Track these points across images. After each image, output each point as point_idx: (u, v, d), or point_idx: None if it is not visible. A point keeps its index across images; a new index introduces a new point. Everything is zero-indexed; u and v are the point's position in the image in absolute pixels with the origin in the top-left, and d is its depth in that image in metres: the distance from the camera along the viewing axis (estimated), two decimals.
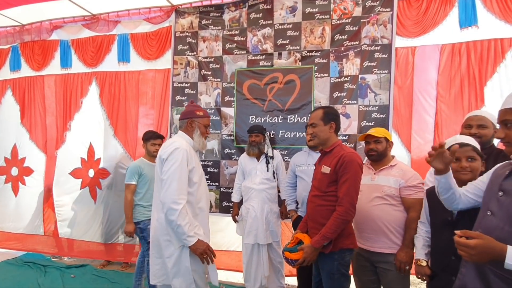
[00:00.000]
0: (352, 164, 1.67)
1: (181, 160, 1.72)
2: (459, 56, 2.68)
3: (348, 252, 1.78)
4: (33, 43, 3.85)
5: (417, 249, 1.67)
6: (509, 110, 1.07)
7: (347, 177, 1.66)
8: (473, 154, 1.43)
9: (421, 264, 1.59)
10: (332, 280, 1.76)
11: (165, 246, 1.75)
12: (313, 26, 3.01)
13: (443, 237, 1.48)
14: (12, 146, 3.95)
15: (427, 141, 2.79)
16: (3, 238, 3.99)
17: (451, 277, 1.41)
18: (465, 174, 1.43)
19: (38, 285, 2.96)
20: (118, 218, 3.49)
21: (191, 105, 2.00)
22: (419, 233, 1.69)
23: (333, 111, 1.88)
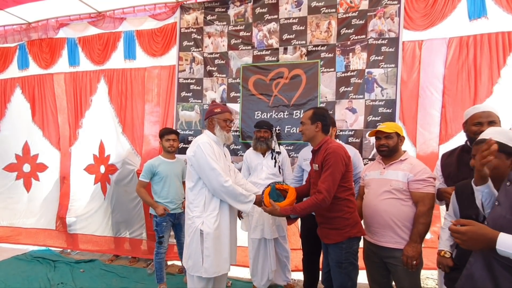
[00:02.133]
0: (333, 155, 1.77)
1: (206, 152, 1.89)
2: (467, 49, 2.65)
3: (356, 241, 1.87)
4: (40, 41, 3.88)
5: (441, 240, 1.66)
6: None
7: (328, 167, 1.77)
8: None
9: (445, 256, 1.58)
10: (340, 268, 1.83)
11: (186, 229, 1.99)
12: (319, 20, 2.99)
13: None
14: (23, 143, 4.00)
15: (433, 136, 2.77)
16: (14, 233, 4.07)
17: None
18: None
19: (48, 280, 3.01)
20: (124, 213, 3.54)
21: (211, 105, 2.16)
22: (446, 224, 1.68)
23: (322, 112, 1.98)
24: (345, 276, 1.83)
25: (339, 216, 1.83)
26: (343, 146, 1.93)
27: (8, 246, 4.00)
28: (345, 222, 1.82)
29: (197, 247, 1.86)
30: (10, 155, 4.05)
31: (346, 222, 1.82)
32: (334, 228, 1.85)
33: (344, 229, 1.81)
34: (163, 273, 2.76)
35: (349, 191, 1.87)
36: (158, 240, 2.72)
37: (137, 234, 3.55)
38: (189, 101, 3.37)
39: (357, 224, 1.87)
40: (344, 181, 1.83)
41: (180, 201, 2.77)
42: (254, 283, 2.74)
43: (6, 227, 4.11)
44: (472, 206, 1.42)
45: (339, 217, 1.83)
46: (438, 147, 2.74)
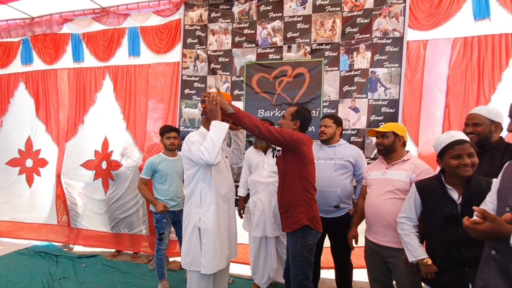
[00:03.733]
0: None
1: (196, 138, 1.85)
2: (471, 50, 2.65)
3: (312, 236, 1.92)
4: (44, 37, 3.88)
5: (414, 248, 1.61)
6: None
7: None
8: (472, 151, 1.47)
9: (427, 263, 1.56)
10: (294, 262, 1.92)
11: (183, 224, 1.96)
12: (323, 18, 2.99)
13: (449, 231, 1.48)
14: (26, 138, 4.02)
15: (436, 136, 2.74)
16: (16, 228, 4.09)
17: (464, 268, 1.45)
18: (467, 170, 1.46)
19: (50, 274, 3.03)
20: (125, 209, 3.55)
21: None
22: (408, 230, 1.66)
23: (305, 111, 2.08)
24: (298, 269, 1.91)
25: (297, 204, 1.91)
26: (308, 136, 2.01)
27: (10, 241, 4.02)
28: (301, 210, 1.89)
29: (196, 244, 1.86)
30: (13, 150, 4.06)
31: (302, 210, 1.89)
32: (290, 216, 1.93)
33: (299, 216, 1.89)
34: (164, 269, 2.77)
35: (310, 183, 1.95)
36: (158, 236, 2.73)
37: (138, 230, 3.57)
38: (193, 98, 3.37)
39: (315, 218, 1.94)
40: (306, 173, 1.92)
41: (180, 198, 2.78)
42: (255, 281, 2.75)
43: (8, 222, 4.13)
44: (447, 203, 1.49)
45: (298, 206, 1.91)
46: None
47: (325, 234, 2.42)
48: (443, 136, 1.56)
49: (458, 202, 1.47)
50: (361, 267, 2.61)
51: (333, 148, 2.38)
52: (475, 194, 1.40)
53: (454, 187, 1.50)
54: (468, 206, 1.40)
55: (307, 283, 1.91)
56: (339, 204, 2.31)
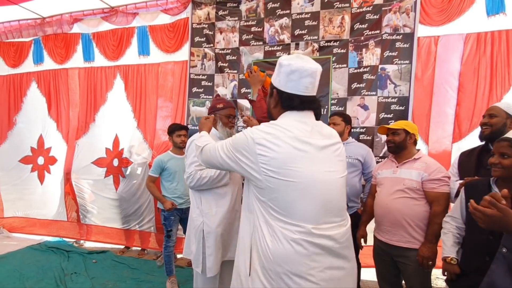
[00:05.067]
0: None
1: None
2: (484, 45, 2.58)
3: None
4: (55, 36, 3.94)
5: (446, 245, 1.57)
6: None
7: None
8: (506, 151, 1.33)
9: (451, 262, 1.51)
10: None
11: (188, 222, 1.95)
12: (332, 15, 2.95)
13: (479, 237, 1.40)
14: (38, 136, 4.10)
15: (447, 134, 2.71)
16: (29, 224, 4.19)
17: (482, 278, 1.35)
18: (495, 170, 1.37)
19: (62, 269, 3.09)
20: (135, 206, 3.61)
21: (214, 99, 2.10)
22: (448, 229, 1.60)
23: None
24: None
25: None
26: None
27: (23, 236, 4.13)
28: None
29: (199, 246, 1.85)
30: (26, 148, 4.15)
31: None
32: None
33: None
34: (172, 266, 2.80)
35: None
36: (166, 234, 2.76)
37: (147, 227, 3.61)
38: (200, 96, 3.39)
39: None
40: None
41: (187, 196, 2.79)
42: None
43: (22, 218, 4.23)
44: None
45: None
46: (451, 145, 2.69)
47: None
48: None
49: None
50: (369, 266, 2.59)
51: None
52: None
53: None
54: None
55: None
56: (347, 203, 2.28)
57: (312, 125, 1.16)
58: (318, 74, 1.17)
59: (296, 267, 1.02)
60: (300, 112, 1.16)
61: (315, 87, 1.18)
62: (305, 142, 1.10)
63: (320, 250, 1.05)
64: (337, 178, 1.15)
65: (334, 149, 1.18)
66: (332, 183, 1.12)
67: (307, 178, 1.07)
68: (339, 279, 1.07)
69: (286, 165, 1.06)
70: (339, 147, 1.22)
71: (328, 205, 1.10)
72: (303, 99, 1.15)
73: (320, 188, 1.08)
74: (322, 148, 1.13)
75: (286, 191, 1.06)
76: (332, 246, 1.07)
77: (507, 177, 1.35)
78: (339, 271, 1.08)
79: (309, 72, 1.13)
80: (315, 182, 1.08)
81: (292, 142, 1.08)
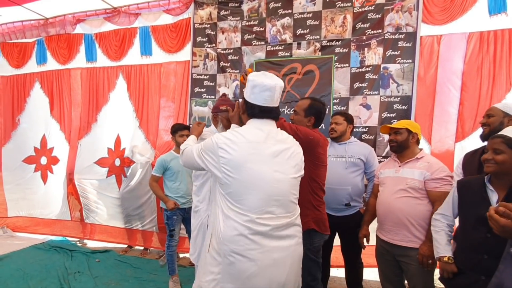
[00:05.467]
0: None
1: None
2: (487, 45, 2.57)
3: (318, 238, 1.85)
4: (58, 37, 3.97)
5: (440, 244, 1.57)
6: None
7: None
8: (499, 147, 1.36)
9: (449, 262, 1.50)
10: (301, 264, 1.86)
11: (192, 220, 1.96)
12: (334, 14, 2.95)
13: (476, 234, 1.40)
14: (41, 136, 4.13)
15: (450, 133, 2.71)
16: (32, 223, 4.22)
17: (480, 277, 1.37)
18: (488, 166, 1.38)
19: (65, 268, 3.11)
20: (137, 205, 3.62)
21: (219, 99, 2.10)
22: (440, 227, 1.61)
23: (319, 105, 1.95)
24: (305, 271, 1.84)
25: (304, 206, 1.79)
26: (324, 136, 1.94)
27: (26, 236, 4.16)
28: (307, 213, 1.81)
29: (201, 240, 1.85)
30: (29, 148, 4.18)
31: (309, 213, 1.81)
32: None
33: (304, 219, 1.78)
34: (174, 265, 2.81)
35: (319, 186, 1.87)
36: (169, 233, 2.77)
37: (150, 227, 3.63)
38: (202, 96, 3.39)
39: (322, 221, 1.86)
40: (316, 175, 1.83)
41: (190, 196, 2.80)
42: None
43: (25, 217, 4.27)
44: (482, 205, 1.38)
45: (303, 208, 1.79)
46: (454, 145, 2.68)
47: (335, 232, 2.41)
48: None
49: (495, 205, 1.37)
50: (371, 266, 2.59)
51: (343, 145, 2.36)
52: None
53: (497, 188, 1.39)
54: None
55: (315, 284, 1.87)
56: (349, 203, 2.29)
57: (268, 132, 1.38)
58: (278, 89, 1.40)
59: (237, 247, 1.27)
60: (260, 120, 1.41)
61: (273, 99, 1.40)
62: (257, 147, 1.33)
63: (259, 235, 1.28)
64: (287, 177, 1.36)
65: (286, 153, 1.39)
66: (280, 182, 1.34)
67: (256, 177, 1.30)
68: (274, 260, 1.30)
69: (240, 166, 1.30)
70: (293, 151, 1.42)
71: (273, 199, 1.32)
72: (262, 109, 1.39)
73: (267, 185, 1.31)
74: (273, 151, 1.35)
75: (239, 186, 1.30)
76: (269, 232, 1.30)
77: (500, 174, 1.37)
78: (275, 253, 1.31)
79: (268, 87, 1.37)
80: (263, 180, 1.30)
81: (246, 147, 1.32)
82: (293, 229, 1.39)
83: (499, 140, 1.36)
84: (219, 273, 1.32)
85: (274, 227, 1.31)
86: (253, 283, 1.28)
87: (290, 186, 1.37)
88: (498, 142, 1.36)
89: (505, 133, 1.39)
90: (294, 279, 1.39)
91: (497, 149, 1.36)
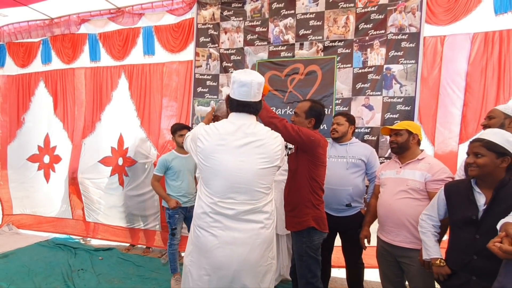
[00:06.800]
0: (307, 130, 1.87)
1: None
2: (492, 45, 2.55)
3: (317, 235, 1.89)
4: (63, 37, 4.00)
5: (429, 246, 1.59)
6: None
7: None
8: (479, 150, 1.39)
9: (441, 265, 1.52)
10: (301, 261, 1.90)
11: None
12: (336, 15, 2.94)
13: (465, 235, 1.43)
14: (45, 135, 4.18)
15: (453, 134, 2.69)
16: (36, 221, 4.27)
17: (471, 277, 1.39)
18: (472, 170, 1.41)
19: (69, 265, 3.15)
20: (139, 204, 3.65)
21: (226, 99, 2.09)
22: (426, 228, 1.63)
23: (318, 107, 1.99)
24: (305, 268, 1.89)
25: (304, 205, 1.88)
26: (324, 138, 1.97)
27: (31, 233, 4.21)
28: (307, 211, 1.86)
29: None
30: (33, 147, 4.23)
31: (309, 211, 1.86)
32: (295, 216, 1.91)
33: (305, 217, 1.85)
34: (177, 263, 2.83)
35: (318, 185, 1.90)
36: (171, 232, 2.79)
37: (152, 226, 3.66)
38: (205, 96, 3.41)
39: (321, 219, 1.90)
40: (316, 175, 1.88)
41: (192, 195, 2.82)
42: None
43: (29, 215, 4.32)
44: (470, 207, 1.42)
45: (303, 206, 1.88)
46: (457, 146, 2.66)
47: (336, 233, 2.41)
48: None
49: (483, 207, 1.38)
50: (372, 267, 2.58)
51: (345, 146, 2.36)
52: (504, 201, 1.31)
53: (484, 191, 1.41)
54: (492, 213, 1.33)
55: (315, 281, 1.90)
56: (350, 203, 2.29)
57: (240, 125, 1.49)
58: (254, 85, 1.47)
59: (202, 223, 1.47)
60: (237, 113, 1.52)
61: (250, 94, 1.49)
62: (225, 138, 1.46)
63: (221, 215, 1.44)
64: (252, 168, 1.45)
65: (254, 144, 1.48)
66: (243, 171, 1.44)
67: (221, 165, 1.44)
68: (234, 238, 1.44)
69: (209, 155, 1.46)
70: (263, 143, 1.49)
71: (236, 186, 1.44)
72: (239, 103, 1.51)
73: (229, 173, 1.44)
74: (240, 143, 1.46)
75: (208, 173, 1.48)
76: (231, 214, 1.44)
77: (484, 176, 1.40)
78: (236, 233, 1.45)
79: (244, 83, 1.47)
80: (227, 168, 1.44)
81: (216, 138, 1.47)
82: (259, 215, 1.49)
83: (478, 143, 1.41)
84: (191, 245, 1.53)
85: (238, 211, 1.44)
86: (215, 255, 1.44)
87: (255, 176, 1.46)
88: (477, 145, 1.41)
89: (483, 136, 1.43)
90: (257, 260, 1.49)
91: (477, 153, 1.40)
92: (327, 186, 2.30)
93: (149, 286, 2.80)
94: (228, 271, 1.44)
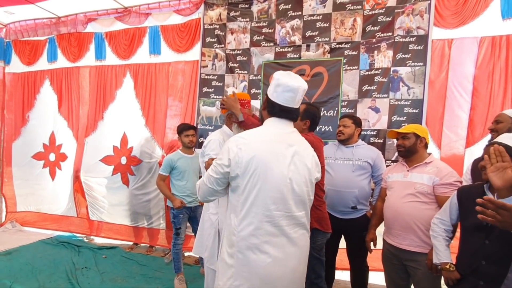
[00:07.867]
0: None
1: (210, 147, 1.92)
2: (499, 49, 2.54)
3: (321, 236, 1.91)
4: (69, 35, 4.02)
5: (440, 251, 1.58)
6: None
7: None
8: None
9: (451, 270, 1.52)
10: None
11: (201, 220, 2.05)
12: (343, 17, 2.94)
13: (475, 240, 1.42)
14: (50, 133, 4.20)
15: (460, 138, 2.68)
16: (40, 219, 4.29)
17: (478, 282, 1.39)
18: (485, 174, 1.36)
19: (73, 263, 3.16)
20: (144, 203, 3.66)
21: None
22: (438, 232, 1.62)
23: (313, 110, 1.99)
24: (309, 269, 1.87)
25: None
26: (319, 138, 1.98)
27: (35, 230, 4.23)
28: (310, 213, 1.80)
29: (214, 244, 1.87)
30: (39, 144, 4.25)
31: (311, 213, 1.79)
32: None
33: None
34: (180, 263, 2.84)
35: (318, 186, 1.87)
36: (175, 231, 2.80)
37: (156, 225, 3.66)
38: (210, 96, 3.41)
39: (323, 219, 1.91)
40: None
41: (196, 195, 2.82)
42: None
43: (34, 212, 4.34)
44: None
45: None
46: (464, 150, 2.66)
47: (341, 235, 2.40)
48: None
49: None
50: (376, 270, 2.58)
51: (351, 148, 2.36)
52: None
53: (498, 196, 1.37)
54: None
55: (319, 281, 1.90)
56: (356, 206, 2.29)
57: (283, 133, 1.40)
58: (300, 91, 1.37)
59: (249, 244, 1.31)
60: (278, 119, 1.41)
61: (295, 101, 1.39)
62: (274, 146, 1.34)
63: (274, 230, 1.32)
64: (302, 178, 1.36)
65: (300, 155, 1.38)
66: (295, 182, 1.34)
67: (273, 175, 1.31)
68: (286, 253, 1.34)
69: (258, 165, 1.31)
70: (306, 154, 1.41)
71: (290, 197, 1.34)
72: (282, 108, 1.38)
73: (284, 184, 1.32)
74: (290, 153, 1.36)
75: (252, 186, 1.32)
76: (284, 227, 1.34)
77: None
78: (287, 248, 1.35)
79: (291, 88, 1.36)
80: (279, 178, 1.31)
81: (262, 146, 1.33)
82: (305, 226, 1.43)
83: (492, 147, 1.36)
84: (232, 268, 1.33)
85: (287, 225, 1.34)
86: (269, 273, 1.30)
87: (308, 186, 1.39)
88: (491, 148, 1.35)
89: (501, 140, 1.40)
90: (304, 270, 1.45)
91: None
92: (333, 188, 2.31)
93: (153, 285, 2.81)
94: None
